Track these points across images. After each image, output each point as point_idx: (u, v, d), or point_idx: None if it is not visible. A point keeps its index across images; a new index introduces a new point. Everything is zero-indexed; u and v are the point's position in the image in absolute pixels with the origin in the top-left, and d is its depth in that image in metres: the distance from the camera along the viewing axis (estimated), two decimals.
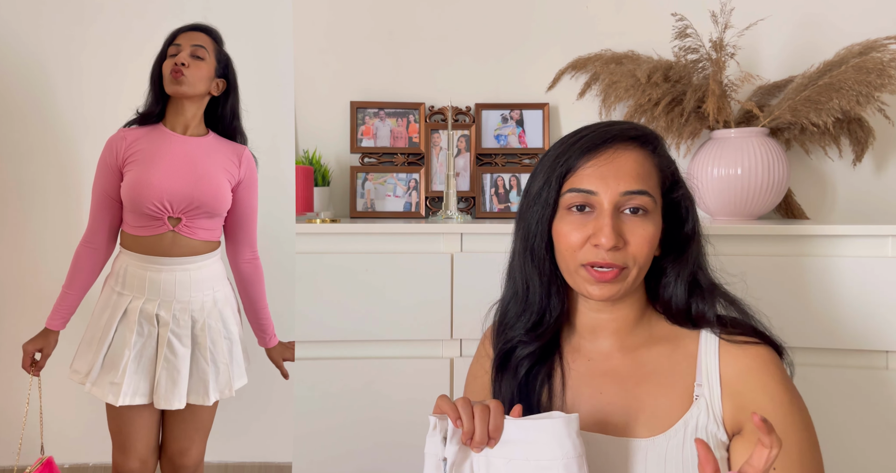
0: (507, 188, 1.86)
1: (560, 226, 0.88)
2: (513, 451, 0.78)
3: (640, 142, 0.89)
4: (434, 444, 0.79)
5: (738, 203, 1.62)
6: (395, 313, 1.46)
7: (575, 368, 0.93)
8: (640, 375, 0.90)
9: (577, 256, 0.86)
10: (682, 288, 0.91)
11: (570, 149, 0.89)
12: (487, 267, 1.45)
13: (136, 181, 1.39)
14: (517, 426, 0.78)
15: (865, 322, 1.37)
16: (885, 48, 1.57)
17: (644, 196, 0.86)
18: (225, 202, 1.49)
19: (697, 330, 0.91)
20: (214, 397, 1.49)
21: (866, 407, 1.36)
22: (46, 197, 2.05)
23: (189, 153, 1.44)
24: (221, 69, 1.53)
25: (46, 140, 2.04)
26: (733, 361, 0.88)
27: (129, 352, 1.41)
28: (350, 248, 1.49)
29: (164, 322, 1.43)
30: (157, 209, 1.40)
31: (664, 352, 0.91)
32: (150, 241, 1.44)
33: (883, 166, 1.83)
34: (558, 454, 0.76)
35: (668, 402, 0.88)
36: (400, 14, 1.90)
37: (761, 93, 1.78)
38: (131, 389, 1.41)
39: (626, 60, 1.79)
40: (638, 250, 0.86)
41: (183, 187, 1.41)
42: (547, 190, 0.89)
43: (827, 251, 1.41)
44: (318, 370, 1.47)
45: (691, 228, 0.93)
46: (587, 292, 0.87)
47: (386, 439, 1.45)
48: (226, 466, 2.13)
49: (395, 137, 1.88)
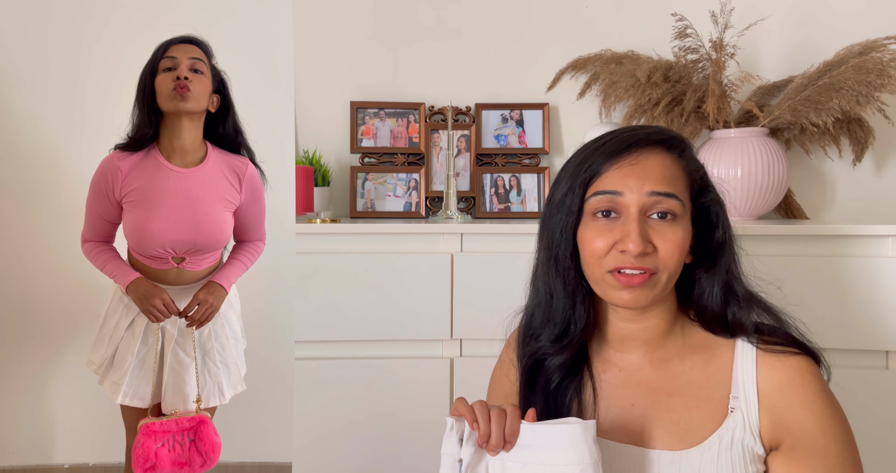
0: (507, 188, 1.86)
1: (585, 233, 0.86)
2: (529, 455, 0.77)
3: (666, 145, 0.87)
4: (451, 445, 0.79)
5: (739, 203, 1.62)
6: (395, 313, 1.46)
7: (606, 380, 0.91)
8: (672, 387, 0.88)
9: (604, 263, 0.84)
10: (718, 297, 0.88)
11: (594, 154, 0.86)
12: (487, 268, 1.46)
13: (138, 227, 1.37)
14: (533, 431, 0.78)
15: (865, 322, 1.38)
16: (885, 48, 1.57)
17: (671, 199, 0.83)
18: (226, 236, 1.48)
19: (733, 339, 0.89)
20: (230, 395, 1.55)
21: (866, 407, 1.36)
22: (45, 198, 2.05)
23: (187, 192, 1.39)
24: (216, 84, 1.48)
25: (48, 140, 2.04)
26: (771, 373, 0.85)
27: (133, 358, 1.46)
28: (350, 248, 1.49)
29: (169, 335, 1.48)
30: (161, 253, 1.42)
31: (698, 363, 0.89)
32: (156, 273, 1.47)
33: (883, 166, 1.83)
34: (574, 459, 0.76)
35: (703, 414, 0.86)
36: (400, 14, 1.90)
37: (761, 93, 1.78)
38: (131, 391, 1.46)
39: (626, 60, 1.79)
40: (667, 255, 0.83)
41: (184, 234, 1.39)
42: (571, 196, 0.86)
43: (827, 251, 1.41)
44: (318, 370, 1.47)
45: (722, 235, 0.90)
46: (615, 299, 0.84)
47: (386, 439, 1.45)
48: (226, 466, 2.13)
49: (395, 137, 1.88)
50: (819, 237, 1.41)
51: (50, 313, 2.06)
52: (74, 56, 2.02)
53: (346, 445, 1.47)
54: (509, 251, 1.46)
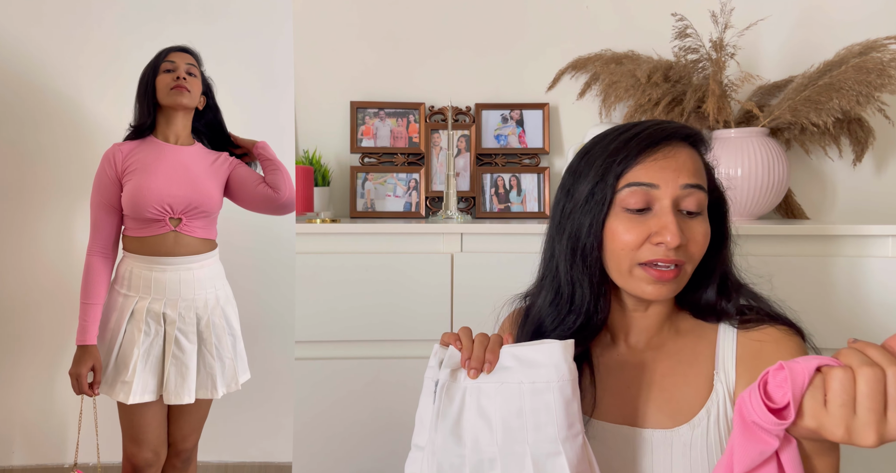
0: (507, 188, 1.86)
1: (615, 225, 0.85)
2: (506, 376, 0.78)
3: (692, 141, 0.89)
4: (432, 369, 0.82)
5: (739, 203, 1.62)
6: (395, 313, 1.46)
7: (603, 363, 0.93)
8: (665, 367, 0.91)
9: (635, 256, 0.84)
10: (713, 287, 0.91)
11: (626, 146, 0.86)
12: (487, 268, 1.45)
13: (138, 188, 1.50)
14: (513, 353, 0.79)
15: (865, 322, 1.38)
16: (885, 48, 1.57)
17: (701, 191, 0.86)
18: (218, 201, 1.61)
19: (718, 324, 0.92)
20: (222, 391, 1.59)
21: None
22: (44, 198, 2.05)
23: (182, 160, 1.58)
24: (205, 87, 1.70)
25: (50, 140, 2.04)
26: (749, 343, 0.89)
27: (138, 351, 1.50)
28: (350, 248, 1.49)
29: (170, 320, 1.53)
30: (159, 211, 1.51)
31: (687, 344, 0.92)
32: (153, 242, 1.54)
33: (883, 166, 1.83)
34: (554, 377, 0.77)
35: (691, 391, 0.88)
36: (400, 14, 1.90)
37: (761, 93, 1.78)
38: (140, 387, 1.50)
39: (626, 60, 1.79)
40: (697, 249, 0.85)
41: (181, 190, 1.53)
42: (602, 188, 0.86)
43: (827, 251, 1.41)
44: (318, 370, 1.47)
45: (727, 229, 0.94)
46: (641, 291, 0.85)
47: (386, 439, 1.45)
48: (226, 466, 2.13)
49: (395, 137, 1.88)
50: (819, 237, 1.41)
51: (52, 313, 2.06)
52: (76, 57, 2.02)
53: (346, 445, 1.47)
54: (509, 251, 1.46)
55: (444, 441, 0.79)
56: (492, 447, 0.77)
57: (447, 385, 0.80)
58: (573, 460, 0.75)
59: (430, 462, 0.80)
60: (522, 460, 0.76)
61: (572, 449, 0.76)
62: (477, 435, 0.78)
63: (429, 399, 0.82)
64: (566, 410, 0.76)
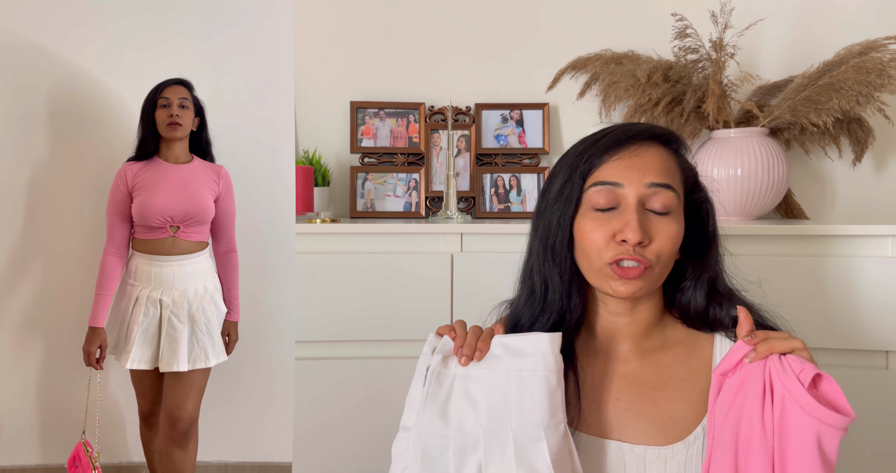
0: (507, 188, 1.86)
1: (583, 224, 0.87)
2: (495, 363, 0.82)
3: (662, 140, 0.89)
4: (425, 356, 0.87)
5: (738, 203, 1.62)
6: (395, 313, 1.46)
7: (590, 373, 0.91)
8: (657, 380, 0.89)
9: (603, 255, 0.85)
10: (702, 292, 0.90)
11: (594, 146, 0.89)
12: (487, 267, 1.45)
13: (145, 203, 1.81)
14: (502, 343, 0.82)
15: (865, 322, 1.38)
16: (885, 48, 1.57)
17: (669, 190, 0.85)
18: (210, 211, 1.87)
19: (713, 334, 0.91)
20: (214, 361, 1.86)
21: (866, 407, 1.36)
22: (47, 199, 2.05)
23: (181, 178, 1.86)
24: (197, 110, 1.92)
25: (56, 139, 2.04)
26: None
27: (138, 328, 1.81)
28: (350, 248, 1.49)
29: (165, 305, 1.83)
30: (162, 222, 1.81)
31: (680, 357, 0.90)
32: (155, 244, 1.84)
33: (883, 166, 1.83)
34: (540, 365, 0.79)
35: (686, 406, 0.87)
36: (400, 14, 1.90)
37: (761, 93, 1.78)
38: (137, 356, 1.81)
39: (626, 60, 1.79)
40: (662, 248, 0.84)
41: (180, 205, 1.82)
42: (570, 187, 0.88)
43: (826, 251, 1.41)
44: (318, 370, 1.47)
45: (711, 232, 0.92)
46: (611, 289, 0.86)
47: (386, 439, 1.44)
48: (226, 466, 2.14)
49: (395, 137, 1.88)
50: (819, 237, 1.41)
51: (53, 312, 2.06)
52: (75, 57, 2.03)
53: (346, 445, 1.47)
54: (509, 251, 1.45)
55: (431, 423, 0.81)
56: (476, 429, 0.80)
57: (438, 370, 0.84)
58: (554, 447, 0.77)
59: (415, 442, 0.83)
60: (505, 443, 0.78)
61: (553, 437, 0.78)
62: (462, 418, 0.81)
63: (419, 384, 0.85)
64: (549, 398, 0.79)
